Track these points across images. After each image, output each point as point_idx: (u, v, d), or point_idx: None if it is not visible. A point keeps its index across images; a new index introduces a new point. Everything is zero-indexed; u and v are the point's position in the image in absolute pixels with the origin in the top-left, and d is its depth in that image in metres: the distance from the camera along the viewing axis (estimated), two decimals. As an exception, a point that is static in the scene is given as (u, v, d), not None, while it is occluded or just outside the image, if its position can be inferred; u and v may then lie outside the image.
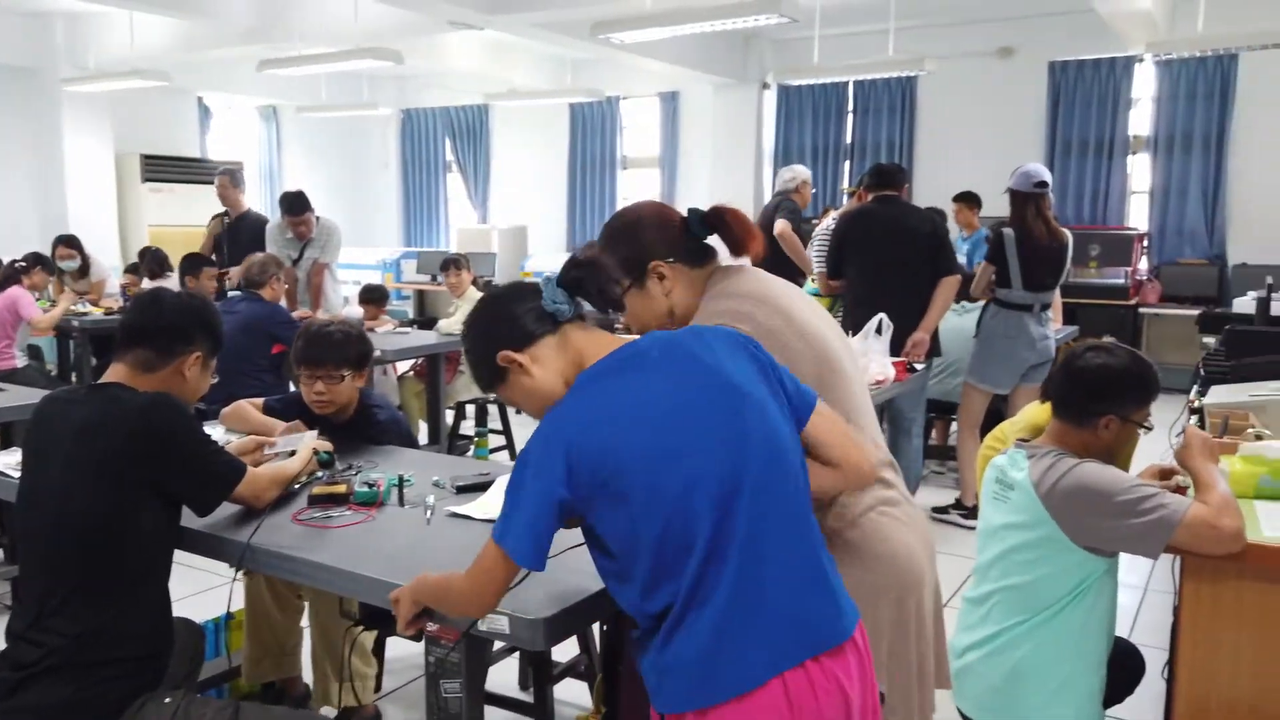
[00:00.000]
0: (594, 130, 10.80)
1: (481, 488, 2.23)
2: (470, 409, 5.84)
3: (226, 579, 2.08)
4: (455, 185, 12.07)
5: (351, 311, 5.88)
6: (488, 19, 6.79)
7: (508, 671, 2.95)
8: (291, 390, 3.79)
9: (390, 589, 1.73)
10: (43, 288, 6.70)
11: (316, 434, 2.49)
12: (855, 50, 8.01)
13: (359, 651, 2.59)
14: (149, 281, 6.58)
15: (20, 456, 2.14)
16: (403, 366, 5.90)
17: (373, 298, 5.99)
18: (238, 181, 6.45)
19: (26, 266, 6.42)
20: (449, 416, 5.64)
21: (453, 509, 2.11)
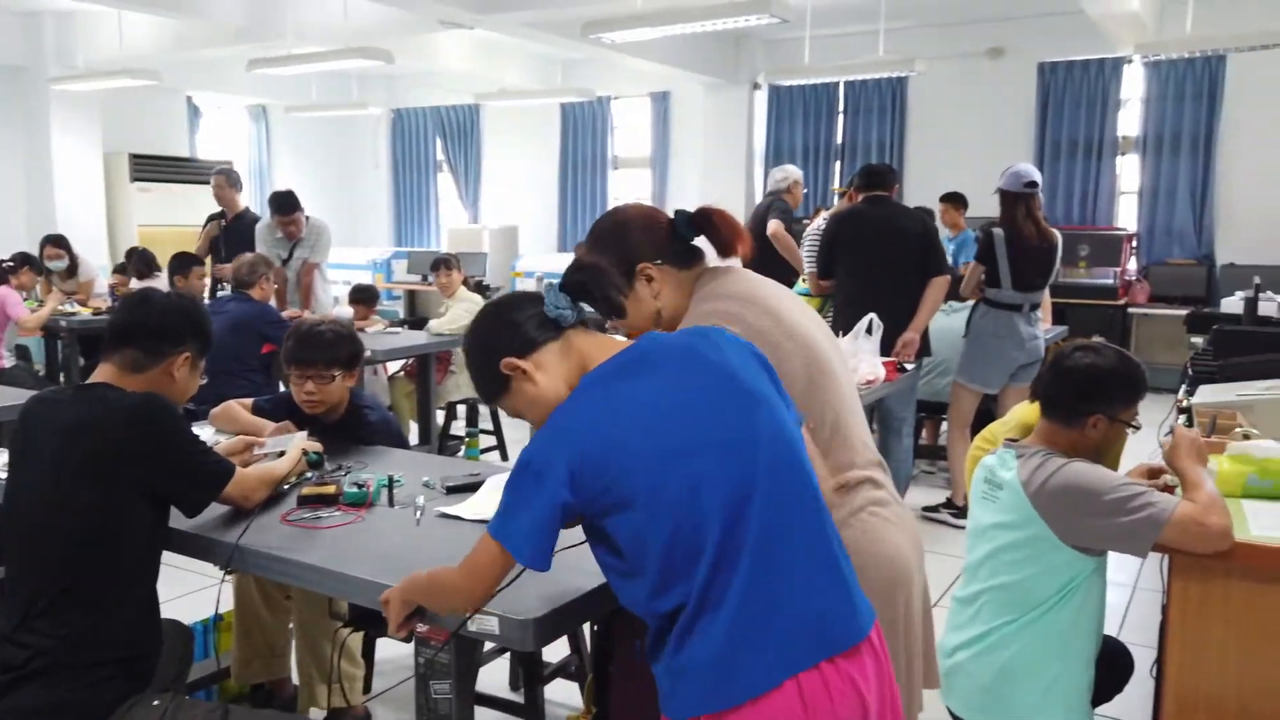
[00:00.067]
0: (585, 130, 10.79)
1: (471, 488, 2.23)
2: (461, 409, 5.82)
3: (215, 580, 2.07)
4: (446, 185, 12.05)
5: (342, 311, 5.86)
6: (478, 18, 6.78)
7: (498, 672, 2.95)
8: (281, 390, 3.79)
9: (379, 590, 1.73)
10: (30, 288, 6.68)
11: (306, 435, 2.48)
12: (846, 51, 8.02)
13: (346, 652, 2.59)
14: (137, 282, 6.55)
15: (6, 457, 2.13)
16: (393, 367, 5.89)
17: (363, 298, 5.98)
18: (234, 181, 6.42)
19: (14, 266, 6.39)
20: (440, 417, 5.63)
21: (443, 509, 2.11)
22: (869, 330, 3.77)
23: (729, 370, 1.42)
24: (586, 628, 2.48)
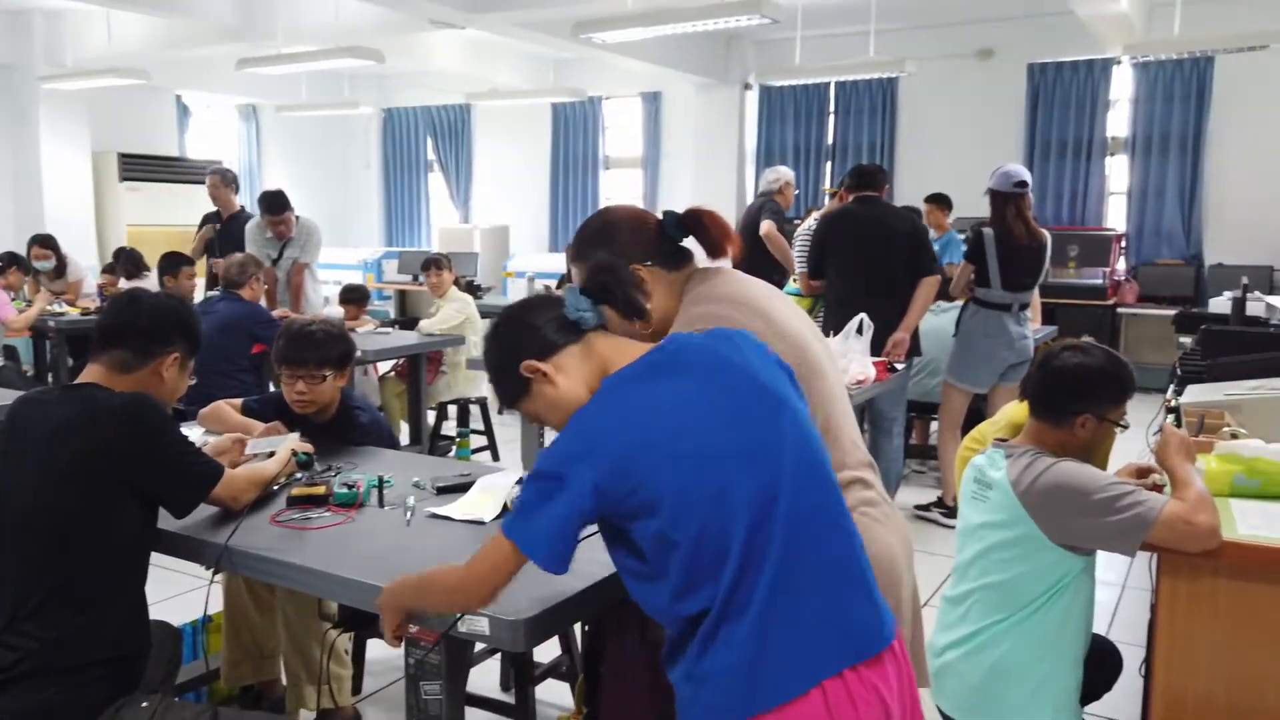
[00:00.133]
0: (576, 130, 10.79)
1: (462, 489, 2.22)
2: (452, 410, 5.82)
3: (204, 581, 2.06)
4: (437, 185, 12.03)
5: (332, 311, 5.85)
6: (469, 18, 6.77)
7: (489, 673, 2.94)
8: (271, 390, 3.78)
9: (369, 590, 1.72)
10: (18, 288, 6.65)
11: (298, 436, 2.47)
12: (836, 51, 8.04)
13: (334, 653, 2.58)
14: (126, 282, 6.52)
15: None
16: (384, 367, 5.88)
17: (353, 298, 5.96)
18: (229, 181, 6.38)
19: (2, 267, 6.35)
20: (431, 417, 5.62)
21: (433, 510, 2.10)
22: (859, 330, 3.78)
23: (751, 372, 1.41)
24: (577, 628, 2.48)
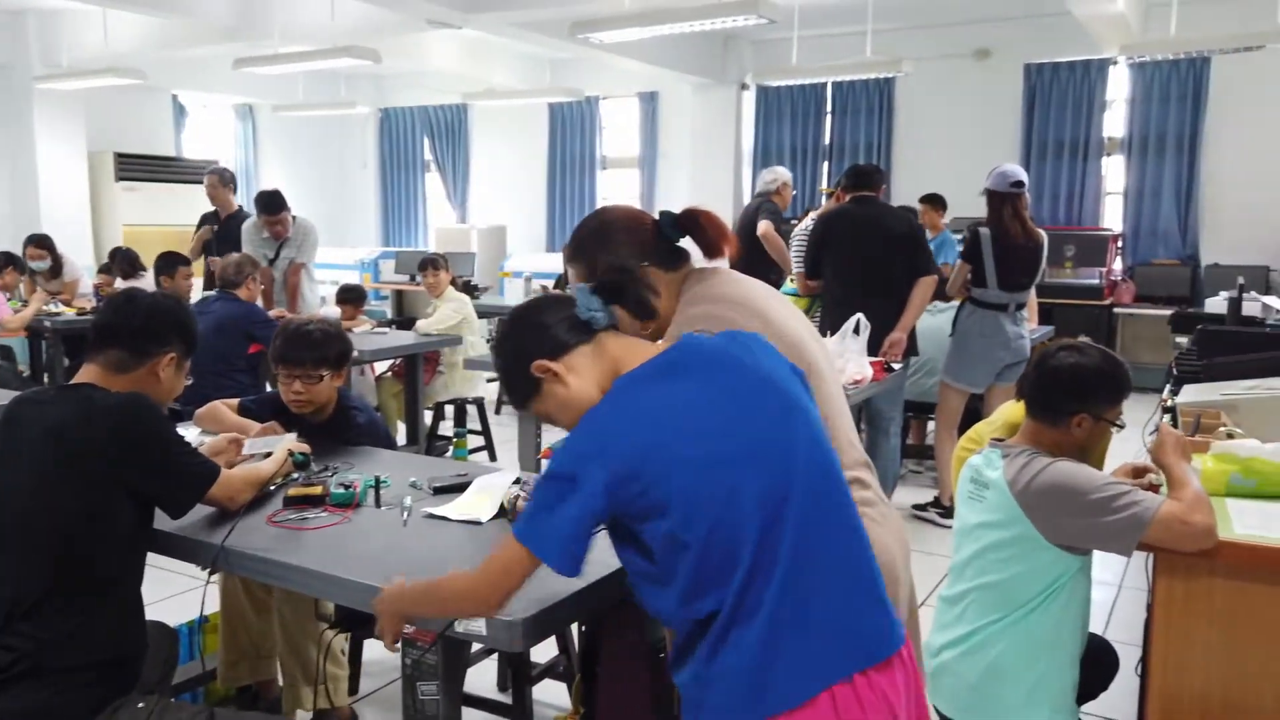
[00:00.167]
0: (573, 130, 10.78)
1: (459, 489, 2.22)
2: (449, 410, 5.81)
3: (201, 581, 2.06)
4: (434, 185, 12.02)
5: (329, 312, 5.84)
6: (466, 18, 6.77)
7: (486, 673, 2.94)
8: (268, 390, 3.77)
9: (366, 591, 1.72)
10: (14, 288, 6.63)
11: (295, 436, 2.47)
12: (833, 51, 8.04)
13: (330, 653, 2.57)
14: (122, 282, 6.51)
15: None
16: (381, 367, 5.87)
17: (350, 298, 5.96)
18: (227, 180, 6.37)
19: (-2, 266, 6.34)
20: (428, 417, 5.62)
21: (430, 510, 2.10)
22: (856, 330, 3.78)
23: (764, 374, 1.41)
24: (574, 628, 2.48)
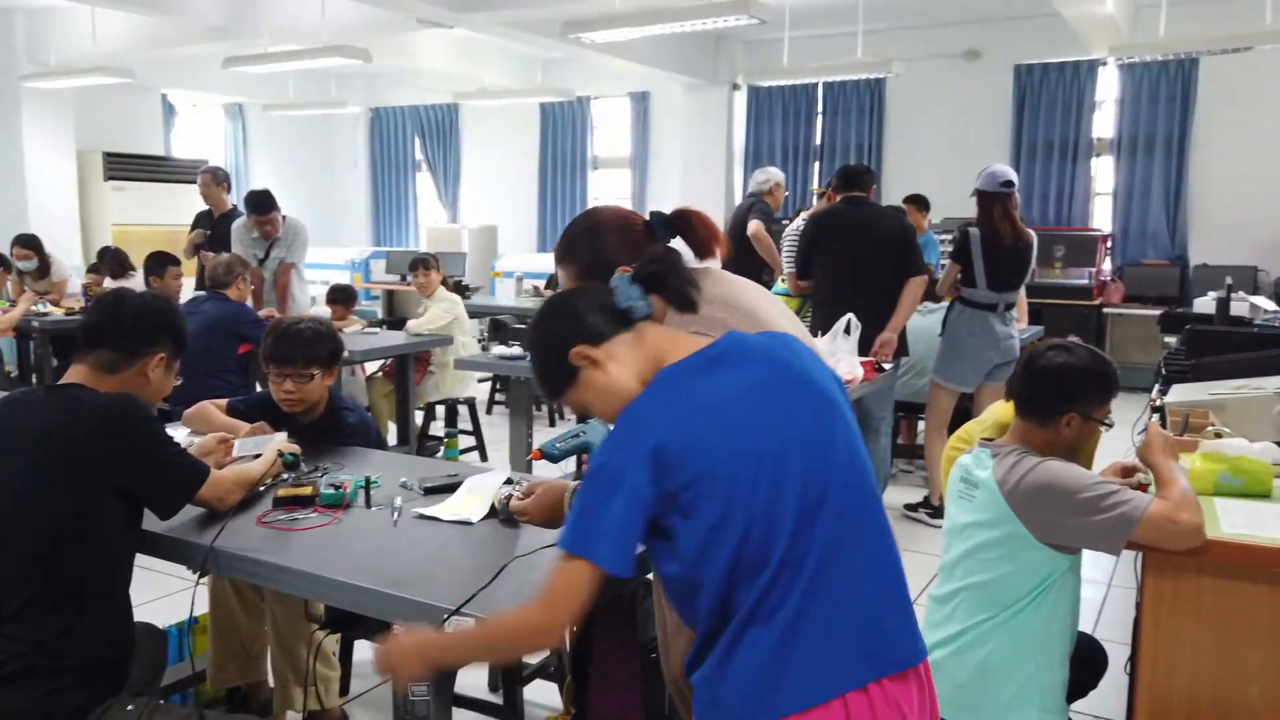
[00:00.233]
0: (564, 130, 10.78)
1: (449, 489, 2.22)
2: (440, 410, 5.80)
3: (190, 583, 2.05)
4: (425, 184, 12.00)
5: (319, 312, 5.82)
6: (457, 17, 6.76)
7: (477, 673, 2.94)
8: (258, 391, 3.76)
9: (356, 592, 1.71)
10: (1, 288, 6.59)
11: (285, 436, 2.46)
12: (824, 52, 8.05)
13: (321, 654, 2.57)
14: (111, 281, 6.48)
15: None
16: (371, 367, 5.86)
17: (341, 298, 5.94)
18: (220, 179, 6.33)
19: (-16, 266, 6.30)
20: (418, 417, 5.61)
21: (420, 510, 2.10)
22: (847, 330, 3.79)
23: (808, 375, 1.40)
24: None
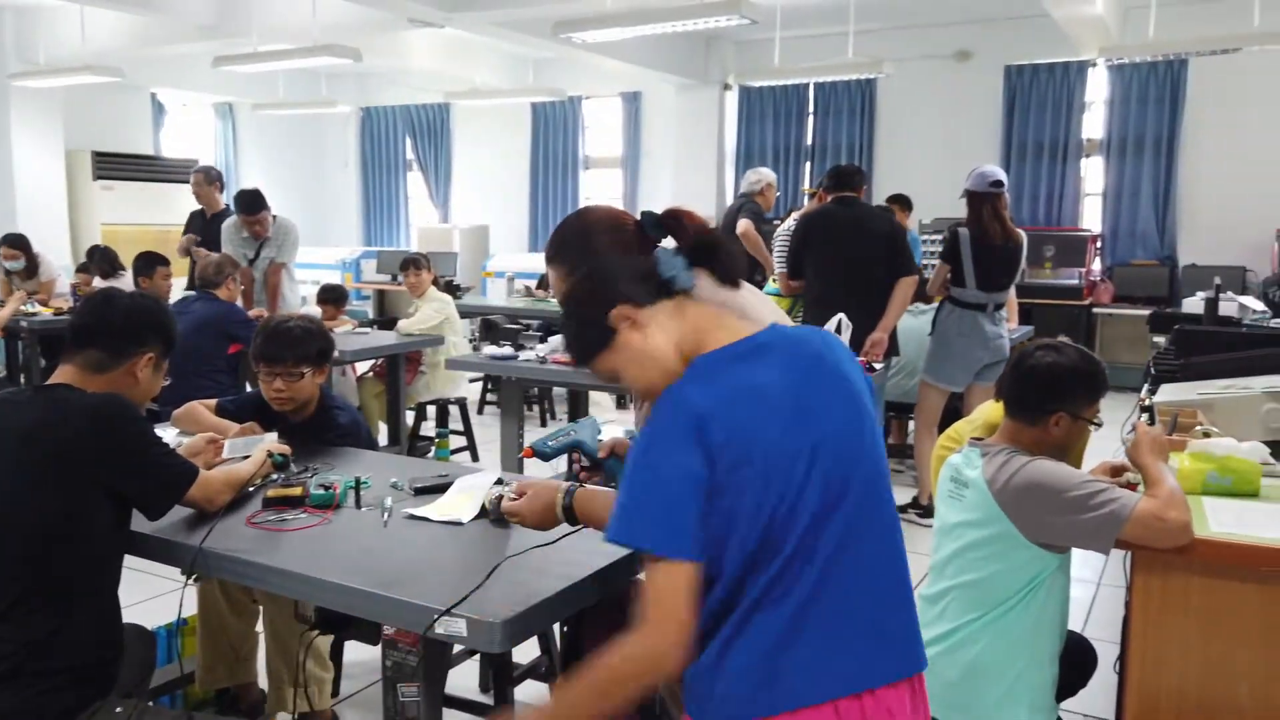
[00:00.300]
0: (556, 130, 10.77)
1: (440, 489, 2.21)
2: (431, 410, 5.79)
3: (179, 584, 2.04)
4: (416, 184, 11.97)
5: (310, 312, 5.81)
6: (448, 17, 6.75)
7: (468, 674, 2.93)
8: (248, 390, 3.75)
9: (346, 593, 1.71)
10: (-11, 287, 6.56)
11: (275, 437, 2.45)
12: (815, 52, 8.06)
13: (315, 656, 2.56)
14: (100, 281, 6.45)
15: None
16: (362, 367, 5.85)
17: (331, 298, 5.92)
18: (213, 179, 6.30)
19: (-27, 267, 6.27)
20: (409, 418, 5.59)
21: (410, 511, 2.09)
22: (838, 330, 3.79)
23: (843, 373, 1.40)
24: (557, 628, 2.47)
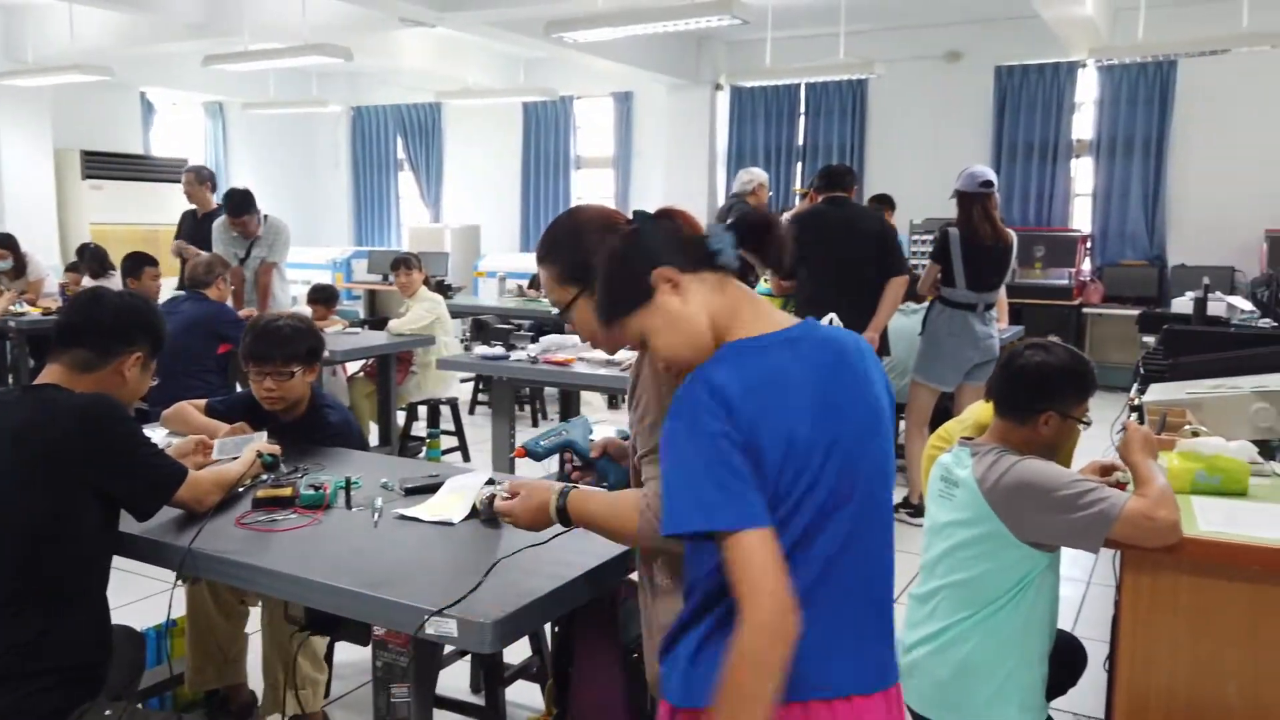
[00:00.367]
0: (547, 130, 10.76)
1: (430, 490, 2.21)
2: (422, 410, 5.78)
3: (168, 585, 2.03)
4: (407, 184, 11.95)
5: (300, 312, 5.78)
6: (440, 16, 6.73)
7: (459, 675, 2.93)
8: (238, 391, 3.73)
9: (336, 593, 1.70)
10: (-23, 287, 6.52)
11: (265, 437, 2.44)
12: (807, 53, 8.08)
13: (311, 657, 2.55)
14: (90, 280, 6.42)
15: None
16: (353, 367, 5.83)
17: (322, 298, 5.91)
18: (204, 178, 6.27)
19: (-40, 266, 6.23)
20: (400, 418, 5.58)
21: (401, 511, 2.09)
22: (829, 330, 3.79)
23: (869, 378, 1.39)
24: (548, 628, 2.47)
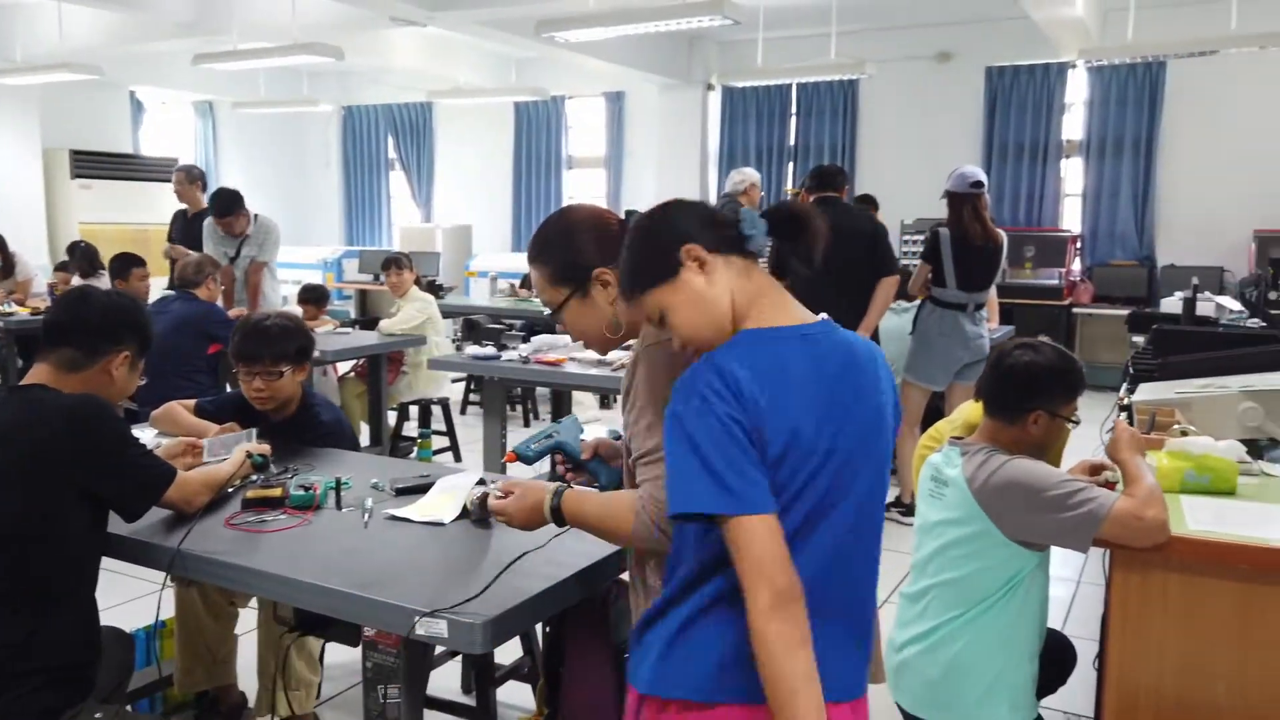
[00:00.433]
0: (539, 129, 10.75)
1: (421, 490, 2.20)
2: (413, 410, 5.77)
3: (156, 586, 2.02)
4: (398, 183, 11.93)
5: (290, 311, 5.77)
6: (431, 16, 6.72)
7: (450, 675, 2.92)
8: (228, 391, 3.72)
9: (326, 594, 1.70)
10: (-35, 287, 6.49)
11: (254, 435, 2.43)
12: (798, 53, 8.09)
13: (307, 659, 2.54)
14: (79, 280, 6.39)
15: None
16: (343, 367, 5.82)
17: (312, 297, 5.89)
18: (194, 178, 6.24)
19: (-52, 266, 6.20)
20: (391, 418, 5.57)
21: (391, 512, 2.08)
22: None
23: (879, 388, 1.39)
24: (539, 629, 2.47)
